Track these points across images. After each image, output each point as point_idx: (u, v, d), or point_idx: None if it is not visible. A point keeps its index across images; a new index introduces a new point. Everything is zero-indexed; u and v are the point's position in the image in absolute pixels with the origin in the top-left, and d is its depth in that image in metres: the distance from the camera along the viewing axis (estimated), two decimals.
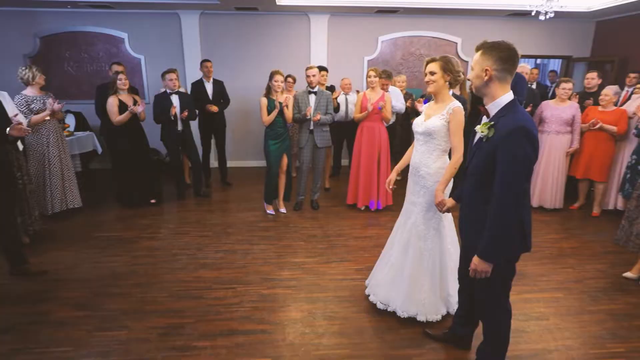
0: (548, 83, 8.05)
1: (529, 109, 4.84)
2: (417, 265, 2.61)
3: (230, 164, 6.32)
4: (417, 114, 5.98)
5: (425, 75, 2.49)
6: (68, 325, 2.62)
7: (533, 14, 3.90)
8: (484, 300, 2.04)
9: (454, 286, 2.59)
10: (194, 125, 5.47)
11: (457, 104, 2.48)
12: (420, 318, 2.61)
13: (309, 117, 4.45)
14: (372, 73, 4.57)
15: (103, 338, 2.50)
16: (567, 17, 6.54)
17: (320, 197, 5.12)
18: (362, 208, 4.85)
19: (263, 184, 5.02)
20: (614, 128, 4.40)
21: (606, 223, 4.57)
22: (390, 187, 2.81)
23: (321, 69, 5.27)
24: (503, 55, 1.74)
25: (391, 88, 5.52)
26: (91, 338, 2.50)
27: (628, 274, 3.33)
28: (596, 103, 4.79)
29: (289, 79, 5.61)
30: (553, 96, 5.10)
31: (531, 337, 2.55)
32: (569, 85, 4.69)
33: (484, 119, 1.86)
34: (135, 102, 4.64)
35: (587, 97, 5.15)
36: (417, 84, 7.00)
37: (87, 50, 6.45)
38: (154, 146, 5.64)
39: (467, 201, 2.00)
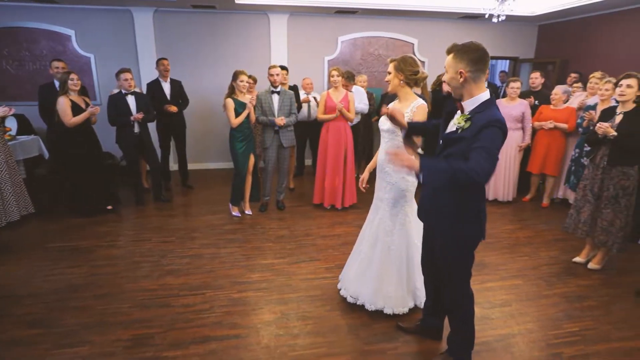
0: (498, 83, 8.51)
1: None
2: (385, 260, 2.66)
3: (191, 166, 6.14)
4: (379, 113, 6.14)
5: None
6: (22, 344, 2.43)
7: (487, 16, 4.10)
8: (448, 287, 2.13)
9: (420, 279, 2.66)
10: (152, 127, 5.25)
11: (422, 101, 2.56)
12: (387, 311, 2.66)
13: (281, 126, 4.43)
14: (334, 72, 4.60)
15: (63, 356, 2.34)
16: (514, 20, 6.94)
17: (286, 197, 5.09)
18: (329, 207, 4.88)
19: (226, 186, 4.94)
20: (565, 125, 4.73)
21: (555, 212, 4.90)
22: (363, 186, 2.85)
23: (282, 68, 5.24)
24: (474, 57, 1.81)
25: (355, 88, 5.60)
26: (49, 357, 2.33)
27: (577, 259, 3.59)
28: (543, 102, 5.12)
29: (249, 80, 5.53)
30: (504, 95, 5.39)
31: (496, 324, 2.68)
32: (517, 84, 4.98)
33: (459, 113, 1.92)
34: (87, 104, 4.39)
35: (528, 96, 5.47)
36: (376, 84, 7.15)
37: (29, 47, 6.00)
38: (107, 150, 5.35)
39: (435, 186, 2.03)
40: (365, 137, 6.24)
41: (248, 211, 4.71)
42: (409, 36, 7.13)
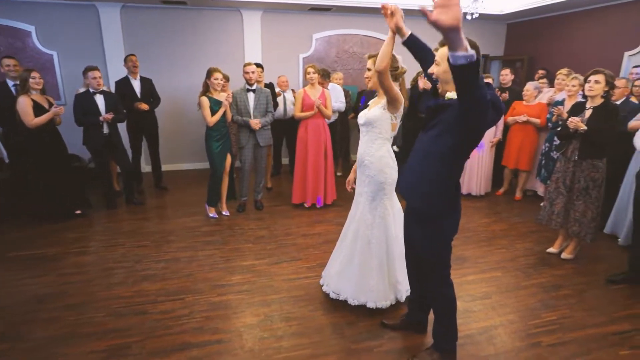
0: None
1: None
2: (366, 254, 2.65)
3: (164, 167, 5.94)
4: (355, 110, 6.13)
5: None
6: None
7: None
8: (429, 277, 2.15)
9: (401, 273, 2.69)
10: (122, 127, 5.05)
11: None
12: (370, 305, 2.65)
13: (256, 129, 4.35)
14: (311, 70, 4.56)
15: None
16: (483, 19, 7.09)
17: (264, 197, 5.01)
18: (308, 206, 4.84)
19: (202, 187, 4.80)
20: (538, 120, 4.86)
21: (527, 205, 5.04)
22: (350, 187, 2.83)
23: (257, 66, 5.15)
24: None
25: (331, 85, 5.58)
26: None
27: (551, 250, 3.70)
28: (514, 98, 5.26)
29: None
30: None
31: (479, 316, 2.72)
32: (489, 80, 5.09)
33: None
34: (50, 104, 4.16)
35: (503, 92, 5.62)
36: (352, 82, 7.15)
37: None
38: (73, 152, 5.10)
39: (420, 153, 2.00)
40: (342, 135, 6.23)
41: (225, 212, 4.61)
42: (383, 34, 7.16)
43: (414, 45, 2.17)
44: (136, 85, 5.12)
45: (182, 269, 3.35)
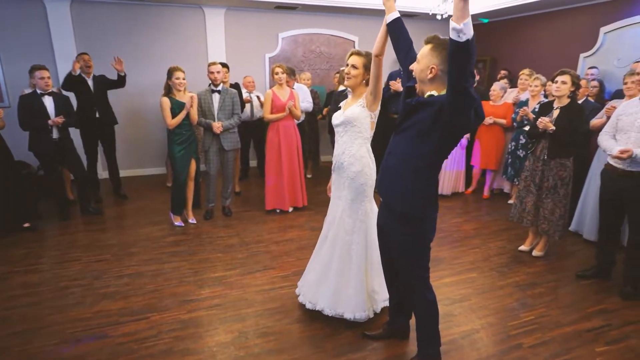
0: None
1: None
2: (345, 260, 2.54)
3: (123, 173, 5.59)
4: (322, 110, 6.04)
5: (347, 66, 2.41)
6: None
7: (430, 14, 4.16)
8: (407, 283, 2.09)
9: (378, 282, 2.61)
10: (75, 131, 4.67)
11: None
12: (348, 316, 2.53)
13: (218, 133, 4.14)
14: (279, 70, 4.41)
15: None
16: (447, 20, 7.21)
17: (232, 202, 4.79)
18: (278, 211, 4.69)
19: (166, 193, 4.53)
20: (503, 121, 4.95)
21: (495, 203, 5.14)
22: (331, 193, 2.71)
23: (222, 65, 4.93)
24: (436, 52, 1.76)
25: (298, 85, 5.44)
26: None
27: (522, 247, 3.76)
28: (480, 98, 5.34)
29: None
30: None
31: (459, 320, 2.68)
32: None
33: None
34: None
35: None
36: (319, 82, 7.05)
37: None
38: (20, 158, 4.66)
39: (399, 154, 1.93)
40: (311, 136, 6.11)
41: (192, 220, 4.36)
42: (350, 33, 7.12)
43: (397, 30, 2.09)
44: (90, 84, 4.76)
45: (146, 284, 3.10)
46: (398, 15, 2.10)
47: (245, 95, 5.57)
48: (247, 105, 5.60)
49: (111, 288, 3.03)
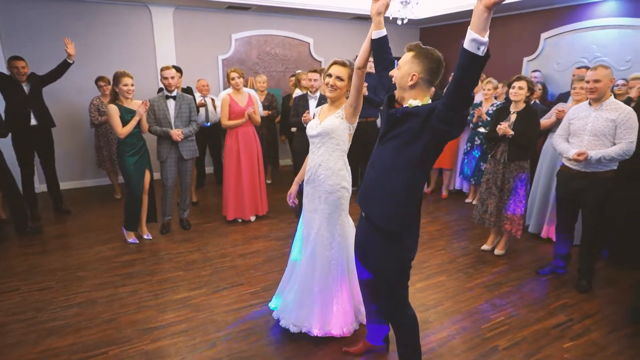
0: None
1: None
2: (326, 277, 2.45)
3: (63, 185, 5.10)
4: (284, 115, 5.87)
5: (329, 76, 2.30)
6: None
7: (391, 19, 4.17)
8: (389, 300, 2.01)
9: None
10: (4, 142, 4.16)
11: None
12: (336, 332, 2.46)
13: (178, 141, 3.87)
14: (235, 74, 4.22)
15: None
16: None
17: (190, 213, 4.51)
18: (247, 220, 4.49)
19: (114, 207, 4.19)
20: None
21: (454, 202, 5.30)
22: (292, 201, 2.58)
23: (175, 69, 4.64)
24: (433, 67, 1.72)
25: (246, 90, 5.25)
26: None
27: (485, 247, 3.88)
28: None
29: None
30: None
31: (435, 327, 2.69)
32: None
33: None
34: None
35: None
36: (274, 84, 6.90)
37: None
38: None
39: (381, 165, 1.86)
40: (269, 140, 5.94)
41: (147, 235, 4.05)
42: (305, 35, 7.03)
43: (383, 47, 2.06)
44: (26, 88, 4.27)
45: (100, 313, 2.80)
46: (385, 33, 2.07)
47: (199, 99, 5.29)
48: (202, 110, 5.32)
49: (58, 321, 2.71)
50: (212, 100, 5.41)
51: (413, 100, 1.75)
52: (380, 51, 2.07)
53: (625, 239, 3.56)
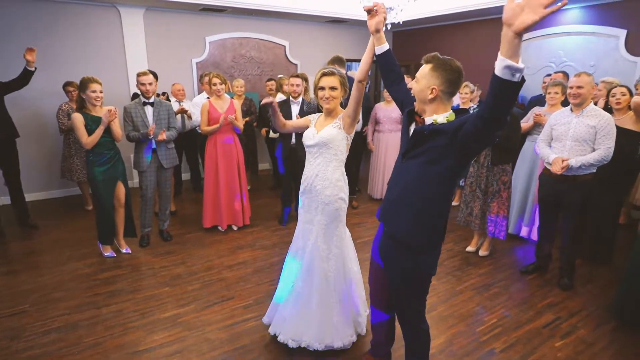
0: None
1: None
2: (325, 290, 2.41)
3: (29, 197, 4.78)
4: (265, 122, 5.75)
5: (322, 89, 2.27)
6: None
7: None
8: (406, 316, 1.99)
9: (360, 303, 2.57)
10: None
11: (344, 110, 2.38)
12: (337, 345, 2.42)
13: (151, 136, 3.68)
14: (217, 80, 4.09)
15: None
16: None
17: (170, 224, 4.34)
18: (223, 230, 4.37)
19: (86, 218, 3.97)
20: None
21: None
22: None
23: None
24: (452, 78, 1.67)
25: (227, 95, 5.13)
26: None
27: (469, 248, 3.96)
28: None
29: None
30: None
31: (433, 333, 2.66)
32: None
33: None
34: None
35: None
36: (250, 88, 6.77)
37: None
38: None
39: (406, 182, 1.80)
40: (248, 145, 5.82)
41: (126, 249, 3.85)
42: (280, 38, 6.95)
43: (388, 62, 2.04)
44: None
45: (83, 337, 2.63)
46: (388, 47, 2.05)
47: (174, 103, 5.10)
48: (178, 116, 5.13)
49: (36, 349, 2.51)
50: (186, 112, 5.17)
51: (438, 116, 1.71)
52: (387, 65, 2.05)
53: (597, 237, 3.73)
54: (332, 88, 2.24)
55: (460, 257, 3.85)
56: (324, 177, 2.32)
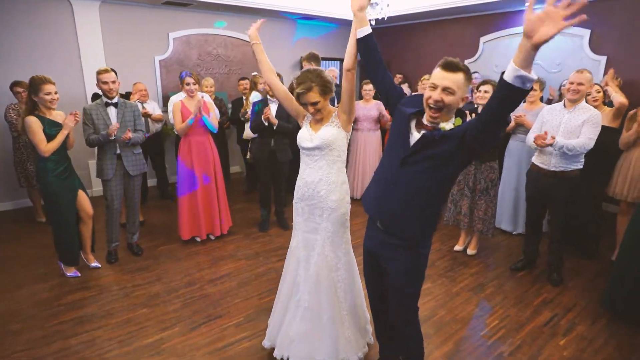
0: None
1: None
2: (335, 302, 2.23)
3: None
4: (236, 120, 5.46)
5: (305, 105, 2.09)
6: None
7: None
8: (399, 312, 1.96)
9: (367, 311, 2.45)
10: None
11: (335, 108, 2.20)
12: (352, 359, 2.26)
13: (112, 137, 3.30)
14: (190, 80, 3.79)
15: None
16: (344, 24, 7.30)
17: (139, 237, 3.96)
18: (203, 239, 4.06)
19: (39, 232, 3.60)
20: None
21: None
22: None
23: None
24: (468, 82, 1.66)
25: (200, 94, 4.81)
26: None
27: (457, 247, 3.93)
28: None
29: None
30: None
31: (437, 340, 2.60)
32: (370, 86, 5.17)
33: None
34: None
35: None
36: (219, 87, 6.43)
37: None
38: None
39: (411, 186, 1.73)
40: (219, 147, 5.49)
41: (95, 263, 3.47)
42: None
43: (369, 47, 1.89)
44: None
45: None
46: (370, 30, 1.90)
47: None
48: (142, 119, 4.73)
49: None
50: (150, 115, 4.79)
51: (445, 123, 1.67)
52: (368, 51, 1.90)
53: (581, 231, 3.82)
54: (314, 104, 2.06)
55: (450, 257, 3.80)
56: (328, 180, 2.14)
